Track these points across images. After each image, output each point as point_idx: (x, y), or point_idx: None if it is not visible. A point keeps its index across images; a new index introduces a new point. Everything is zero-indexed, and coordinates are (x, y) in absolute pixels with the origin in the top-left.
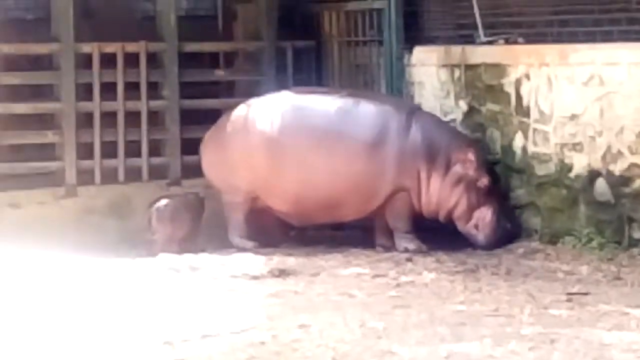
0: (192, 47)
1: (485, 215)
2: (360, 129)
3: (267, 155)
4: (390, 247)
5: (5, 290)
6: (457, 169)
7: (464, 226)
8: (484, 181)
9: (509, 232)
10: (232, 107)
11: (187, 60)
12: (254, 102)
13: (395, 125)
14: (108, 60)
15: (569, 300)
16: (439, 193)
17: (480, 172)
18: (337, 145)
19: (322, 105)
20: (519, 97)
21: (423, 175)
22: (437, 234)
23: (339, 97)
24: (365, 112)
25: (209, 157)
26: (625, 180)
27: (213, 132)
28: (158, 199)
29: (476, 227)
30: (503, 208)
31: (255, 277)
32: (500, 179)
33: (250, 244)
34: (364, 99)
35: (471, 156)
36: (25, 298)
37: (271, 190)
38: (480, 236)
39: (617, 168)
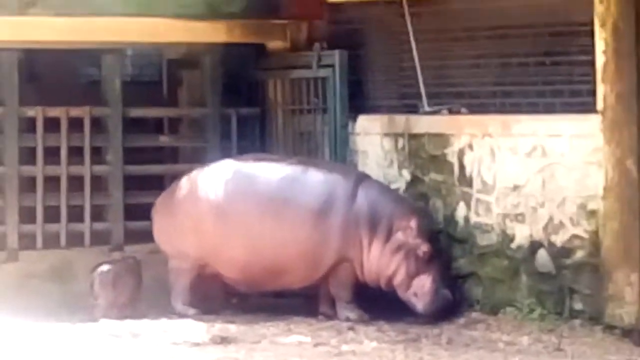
0: (136, 112)
1: (424, 283)
2: (307, 197)
3: (215, 222)
4: (333, 316)
5: None
6: (398, 236)
7: (403, 294)
8: (424, 249)
9: (450, 301)
10: (176, 173)
11: (132, 125)
12: (204, 168)
13: (341, 194)
14: (52, 125)
15: None
16: (379, 261)
17: (421, 239)
18: (283, 213)
19: (270, 172)
20: (462, 167)
21: (365, 243)
22: (381, 303)
23: (287, 165)
24: (312, 180)
25: (158, 222)
26: (566, 251)
27: (163, 198)
28: (100, 264)
29: (415, 295)
30: (445, 277)
31: (196, 344)
32: (443, 248)
33: (192, 311)
34: (312, 166)
35: (412, 224)
36: None
37: (219, 256)
38: (419, 304)
39: (559, 239)
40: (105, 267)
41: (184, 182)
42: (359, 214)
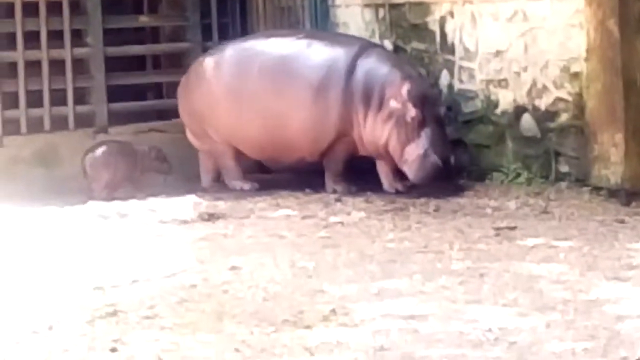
0: None
1: (413, 151)
2: (307, 73)
3: (227, 103)
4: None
5: None
6: (390, 104)
7: (398, 162)
8: (411, 114)
9: (438, 167)
10: (156, 52)
11: (111, 6)
12: (216, 49)
13: (340, 68)
14: (31, 9)
15: (497, 235)
16: (373, 131)
17: (411, 105)
18: (286, 89)
19: (275, 49)
20: (443, 34)
21: (360, 116)
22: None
23: (294, 39)
24: (315, 55)
25: (182, 106)
26: (551, 115)
27: (184, 81)
28: (93, 147)
29: (406, 162)
30: (439, 143)
31: (184, 222)
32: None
33: (248, 185)
34: (318, 39)
35: (403, 90)
36: None
37: (236, 136)
38: (409, 172)
39: (543, 103)
40: (97, 150)
41: (197, 65)
42: (355, 87)
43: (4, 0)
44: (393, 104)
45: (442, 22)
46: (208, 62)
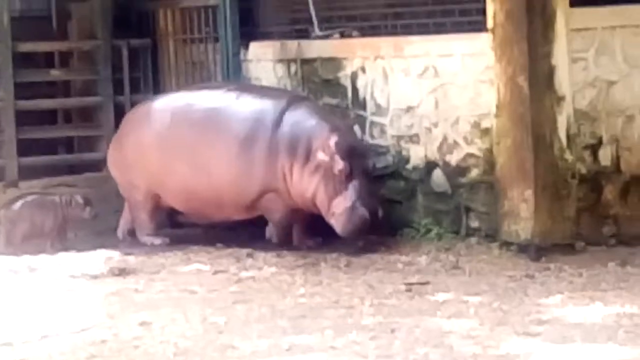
0: (26, 47)
1: (341, 204)
2: (234, 126)
3: (158, 153)
4: (308, 245)
5: None
6: (318, 156)
7: (325, 215)
8: (338, 167)
9: (366, 220)
10: (68, 106)
11: (22, 60)
12: (149, 100)
13: (266, 121)
14: None
15: (408, 290)
16: (300, 184)
17: (338, 157)
18: (213, 142)
19: (205, 101)
20: (355, 90)
21: (287, 169)
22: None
23: (224, 92)
24: (243, 107)
25: (110, 156)
26: (461, 170)
27: (117, 132)
28: (10, 200)
29: (333, 215)
30: (367, 196)
31: (95, 277)
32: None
33: (159, 240)
34: (247, 92)
35: (330, 142)
36: None
37: (164, 187)
38: (336, 225)
39: (454, 158)
40: (13, 203)
41: (130, 115)
42: (281, 140)
43: None
44: (321, 156)
45: (354, 77)
46: (139, 112)
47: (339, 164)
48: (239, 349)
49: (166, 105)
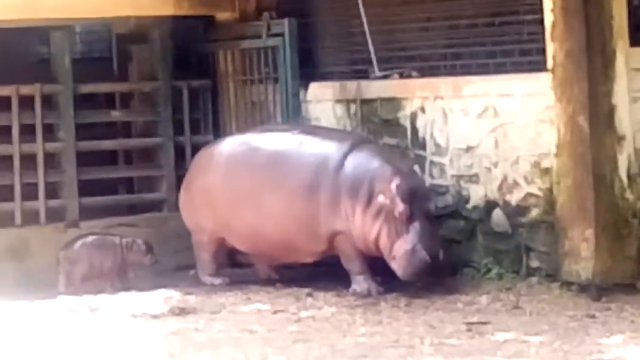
0: (87, 88)
1: (401, 246)
2: (298, 171)
3: (223, 196)
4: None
5: None
6: (379, 199)
7: (387, 258)
8: (399, 209)
9: (427, 263)
10: (128, 147)
11: (83, 101)
12: (218, 141)
13: (329, 166)
14: (3, 104)
15: (468, 330)
16: (363, 228)
17: (398, 200)
18: (280, 187)
19: (272, 144)
20: (414, 130)
21: (349, 212)
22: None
23: (290, 135)
24: (307, 153)
25: (181, 197)
26: (521, 210)
27: (187, 173)
28: (71, 241)
29: (394, 258)
30: (429, 239)
31: (155, 316)
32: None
33: (218, 280)
34: (312, 135)
35: (392, 185)
36: None
37: (230, 230)
38: (396, 268)
39: (514, 198)
40: (73, 243)
41: (198, 157)
42: (343, 184)
43: None
44: (381, 199)
45: (413, 117)
46: (206, 154)
47: (400, 207)
48: None
49: (232, 147)
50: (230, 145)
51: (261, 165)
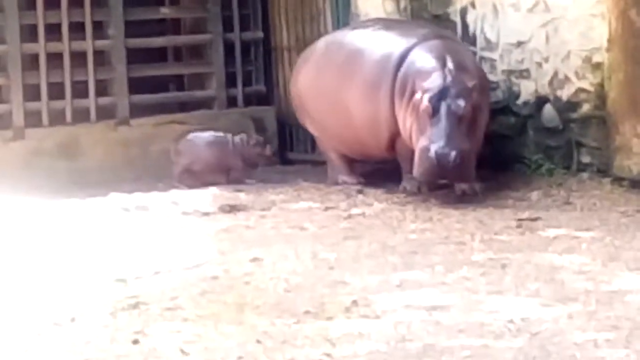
0: None
1: (418, 144)
2: (367, 67)
3: (312, 97)
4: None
5: None
6: (416, 96)
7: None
8: (422, 106)
9: (445, 165)
10: (178, 44)
11: None
12: (317, 41)
13: (391, 63)
14: (52, 1)
15: (519, 226)
16: (404, 124)
17: (425, 97)
18: (352, 84)
19: (354, 41)
20: (465, 25)
21: (402, 113)
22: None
23: (372, 31)
24: (376, 48)
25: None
26: (572, 105)
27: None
28: (182, 134)
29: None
30: (454, 139)
31: (206, 214)
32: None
33: (353, 179)
34: (390, 30)
35: (425, 82)
36: None
37: (324, 131)
38: (414, 167)
39: (565, 94)
40: (185, 137)
41: (301, 56)
42: (398, 83)
43: None
44: (418, 95)
45: (464, 12)
46: (303, 54)
47: (424, 104)
48: (350, 284)
49: (322, 46)
50: (322, 43)
51: (339, 63)
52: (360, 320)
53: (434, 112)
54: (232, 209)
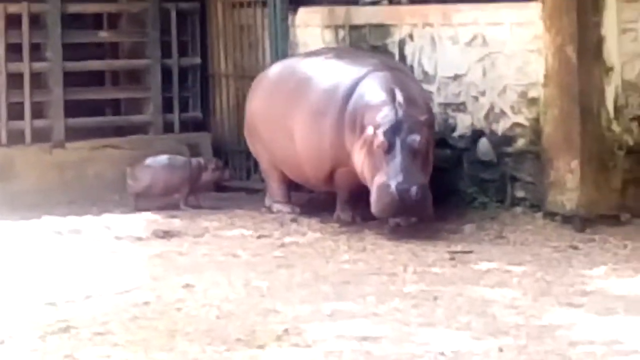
0: (75, 8)
1: (375, 180)
2: (315, 96)
3: (262, 123)
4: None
5: None
6: (367, 131)
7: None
8: (377, 142)
9: (409, 201)
10: (115, 68)
11: (71, 21)
12: (267, 68)
13: (340, 93)
14: None
15: (452, 259)
16: (356, 159)
17: (379, 133)
18: (300, 111)
19: (305, 69)
20: (402, 57)
21: (350, 143)
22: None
23: (324, 58)
24: (325, 77)
25: (250, 119)
26: (507, 139)
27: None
28: (138, 160)
29: (371, 193)
30: (411, 174)
31: (139, 239)
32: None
33: (287, 208)
34: (341, 59)
35: (377, 116)
36: None
37: (272, 154)
38: (372, 203)
39: (500, 128)
40: (142, 161)
41: (253, 84)
42: (347, 115)
43: None
44: (370, 130)
45: (402, 44)
46: (256, 80)
47: (378, 139)
48: (281, 313)
49: (274, 72)
50: (276, 68)
51: (289, 89)
52: (291, 349)
53: (389, 147)
54: (166, 234)
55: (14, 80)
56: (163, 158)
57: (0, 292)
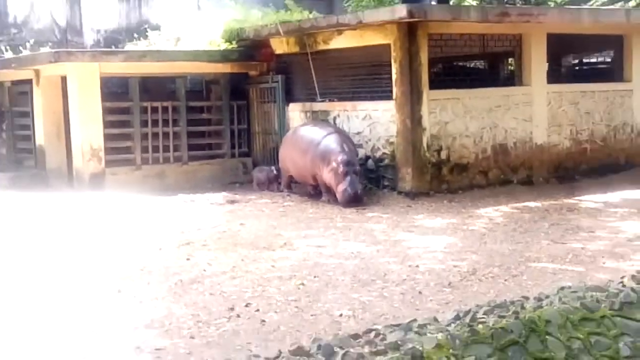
0: (193, 103)
1: (340, 188)
2: (305, 145)
3: (288, 155)
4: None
5: None
6: (332, 164)
7: (335, 193)
8: (339, 170)
9: (355, 196)
10: (210, 130)
11: (190, 112)
12: (286, 132)
13: (315, 143)
14: (154, 110)
15: (357, 213)
16: (326, 177)
17: (341, 166)
18: (300, 153)
19: (303, 132)
20: (335, 124)
21: (320, 168)
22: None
23: (315, 128)
24: (311, 136)
25: (280, 153)
26: (381, 159)
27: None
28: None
29: (337, 193)
30: (356, 184)
31: (220, 204)
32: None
33: (288, 191)
34: (319, 127)
35: (338, 158)
36: None
37: (291, 170)
38: (339, 198)
39: (377, 154)
40: (260, 169)
41: (283, 139)
42: (318, 153)
43: (142, 106)
44: (333, 164)
45: (335, 119)
46: (286, 135)
47: (340, 169)
48: (282, 235)
49: (291, 133)
50: (291, 131)
51: (296, 142)
52: (287, 251)
53: (346, 172)
54: (232, 201)
55: (165, 136)
56: (261, 167)
57: (153, 226)
